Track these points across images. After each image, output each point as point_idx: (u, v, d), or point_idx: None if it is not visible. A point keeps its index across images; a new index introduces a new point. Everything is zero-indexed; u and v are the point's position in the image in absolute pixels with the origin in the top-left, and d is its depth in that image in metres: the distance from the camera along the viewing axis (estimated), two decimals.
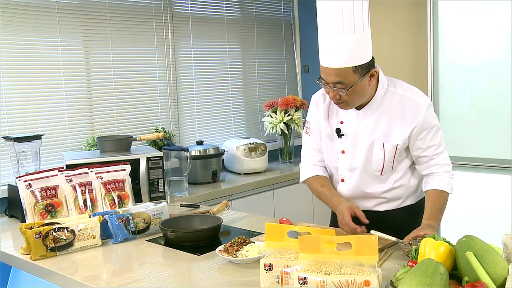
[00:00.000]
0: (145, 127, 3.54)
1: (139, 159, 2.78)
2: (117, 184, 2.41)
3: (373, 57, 1.89)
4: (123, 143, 2.90)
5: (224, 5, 4.02)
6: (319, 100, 2.12)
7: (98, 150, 2.92)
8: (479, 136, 3.21)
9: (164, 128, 3.57)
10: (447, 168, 2.00)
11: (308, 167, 2.19)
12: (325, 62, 1.82)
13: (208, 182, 3.44)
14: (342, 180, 2.10)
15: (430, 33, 3.30)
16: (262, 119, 4.06)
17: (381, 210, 2.08)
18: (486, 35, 3.12)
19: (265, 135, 4.06)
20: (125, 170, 2.47)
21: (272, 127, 3.87)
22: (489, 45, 3.12)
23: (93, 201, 2.31)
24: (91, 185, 2.33)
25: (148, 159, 2.80)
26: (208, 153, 3.45)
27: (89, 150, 3.13)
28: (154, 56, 3.60)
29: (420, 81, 3.56)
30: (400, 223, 2.01)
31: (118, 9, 3.38)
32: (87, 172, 2.35)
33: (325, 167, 2.17)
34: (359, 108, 1.98)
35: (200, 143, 3.56)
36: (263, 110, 4.03)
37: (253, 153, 3.68)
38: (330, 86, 1.85)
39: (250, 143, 3.71)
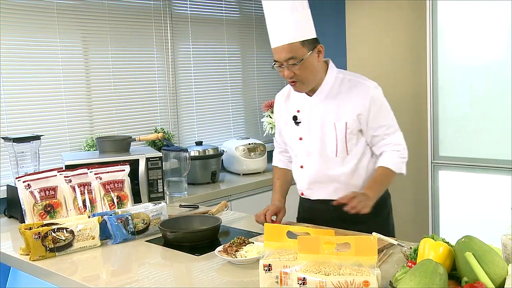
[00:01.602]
0: (144, 128, 3.54)
1: (138, 159, 2.79)
2: (116, 185, 2.41)
3: (317, 37, 2.05)
4: (122, 144, 2.90)
5: (223, 6, 4.03)
6: (279, 95, 2.31)
7: (98, 151, 2.93)
8: (479, 136, 3.21)
9: (163, 129, 3.57)
10: (398, 148, 2.09)
11: (275, 156, 2.43)
12: (275, 42, 2.01)
13: (207, 183, 3.44)
14: (301, 167, 2.20)
15: (429, 34, 3.30)
16: (261, 120, 4.07)
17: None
18: (485, 36, 3.13)
19: (264, 135, 4.05)
20: (124, 170, 2.47)
21: (271, 127, 3.87)
22: (489, 45, 3.12)
23: (92, 201, 2.31)
24: (90, 185, 2.33)
25: (147, 159, 2.80)
26: (207, 154, 3.46)
27: (89, 150, 3.13)
28: (153, 57, 3.60)
29: (420, 81, 3.57)
30: (363, 215, 2.01)
31: (117, 10, 3.39)
32: (87, 173, 2.35)
33: (289, 158, 2.33)
34: (311, 94, 2.11)
35: (199, 143, 3.57)
36: (262, 110, 4.03)
37: (252, 154, 3.69)
38: (283, 65, 1.99)
39: (249, 144, 3.72)
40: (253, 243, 1.84)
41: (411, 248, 1.62)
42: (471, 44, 3.20)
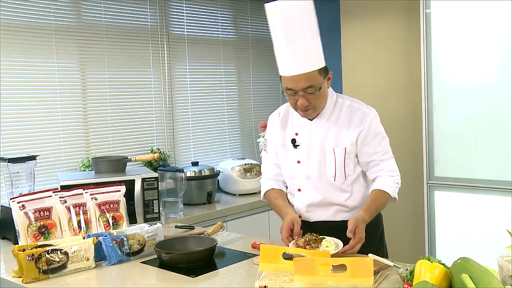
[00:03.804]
0: (141, 148, 3.54)
1: (134, 180, 2.78)
2: (111, 205, 2.39)
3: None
4: (118, 164, 2.90)
5: (220, 27, 4.06)
6: (274, 117, 2.27)
7: (93, 171, 2.92)
8: (474, 157, 3.21)
9: (159, 149, 3.57)
10: (392, 174, 2.11)
11: (266, 182, 2.29)
12: (293, 71, 1.95)
13: (203, 203, 3.43)
14: (299, 190, 2.18)
15: (423, 54, 3.32)
16: (257, 140, 4.07)
17: (339, 220, 2.12)
18: (478, 56, 3.15)
19: (260, 156, 4.03)
20: (120, 191, 2.45)
21: None
22: (482, 65, 3.14)
23: (87, 222, 2.30)
24: (85, 206, 2.32)
25: (143, 180, 2.79)
26: (203, 174, 3.45)
27: (84, 171, 3.12)
28: (150, 77, 3.62)
29: (414, 100, 3.58)
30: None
31: (114, 30, 3.41)
32: (82, 193, 2.33)
33: (283, 181, 2.27)
34: (311, 119, 2.12)
35: (195, 164, 3.56)
36: (258, 130, 4.02)
37: (248, 174, 3.68)
38: (299, 94, 1.98)
39: (245, 164, 3.71)
40: (325, 237, 1.88)
41: (407, 269, 1.61)
42: (464, 64, 3.21)
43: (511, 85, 3.00)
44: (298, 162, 2.16)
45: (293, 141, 2.16)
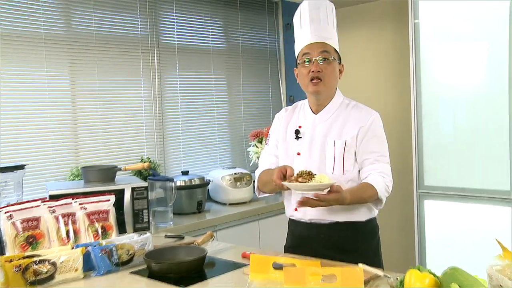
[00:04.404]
0: (131, 157, 3.52)
1: (124, 189, 2.75)
2: (101, 215, 2.36)
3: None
4: (108, 173, 2.88)
5: (210, 36, 4.06)
6: (281, 112, 2.37)
7: (83, 180, 2.89)
8: (463, 166, 3.23)
9: (149, 158, 3.55)
10: (384, 176, 2.10)
11: (259, 170, 2.33)
12: (313, 38, 2.15)
13: (193, 213, 3.41)
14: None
15: (412, 63, 3.35)
16: (248, 149, 4.06)
17: (334, 220, 2.13)
18: (468, 65, 3.17)
19: (250, 165, 4.04)
20: (109, 200, 2.43)
21: (257, 157, 3.86)
22: (471, 74, 3.17)
23: (76, 232, 2.27)
24: (74, 215, 2.29)
25: (133, 189, 2.77)
26: (193, 183, 3.43)
27: (73, 180, 3.09)
28: (140, 86, 3.61)
29: (404, 111, 3.60)
30: (352, 243, 2.11)
31: (104, 39, 3.40)
32: (71, 203, 2.31)
33: None
34: (316, 112, 2.21)
35: (185, 173, 3.54)
36: (249, 140, 4.02)
37: (238, 183, 3.66)
38: (314, 58, 2.12)
39: (235, 173, 3.69)
40: (316, 174, 1.91)
41: (397, 279, 1.61)
42: (453, 74, 3.24)
43: (500, 95, 3.03)
44: (298, 154, 2.19)
45: (296, 132, 2.21)
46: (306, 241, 2.20)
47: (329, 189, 1.91)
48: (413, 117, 3.38)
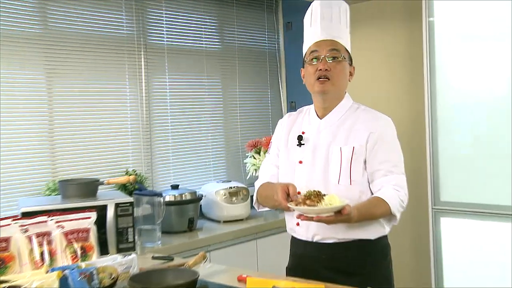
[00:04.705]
0: (114, 170, 3.51)
1: (107, 205, 2.76)
2: (80, 234, 2.34)
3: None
4: (89, 188, 2.88)
5: (203, 36, 4.06)
6: (284, 118, 2.40)
7: (60, 196, 2.88)
8: (483, 179, 3.20)
9: (135, 171, 3.55)
10: (398, 189, 2.07)
11: (259, 182, 2.33)
12: (323, 35, 2.18)
13: (184, 231, 3.41)
14: (298, 193, 2.13)
15: (426, 66, 3.34)
16: (245, 161, 4.06)
17: (339, 237, 2.10)
18: (488, 68, 3.16)
19: (247, 178, 4.04)
20: (90, 218, 2.40)
21: (255, 169, 3.86)
22: (492, 79, 3.15)
23: (52, 253, 2.24)
24: (50, 235, 2.25)
25: (117, 205, 2.78)
26: (184, 199, 3.43)
27: (50, 195, 3.08)
28: (125, 91, 3.60)
29: (417, 118, 3.59)
30: (360, 265, 2.10)
31: (85, 39, 3.39)
32: (46, 221, 2.27)
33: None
34: (322, 117, 2.21)
35: (175, 187, 3.54)
36: (246, 150, 4.03)
37: (234, 199, 3.66)
38: (323, 56, 2.14)
39: (230, 187, 3.69)
40: (325, 194, 1.92)
41: None
42: (472, 78, 3.23)
43: None
44: (300, 162, 2.19)
45: (299, 138, 2.21)
46: (308, 261, 2.19)
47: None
48: (427, 126, 3.37)
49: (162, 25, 3.82)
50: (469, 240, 3.26)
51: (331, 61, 2.14)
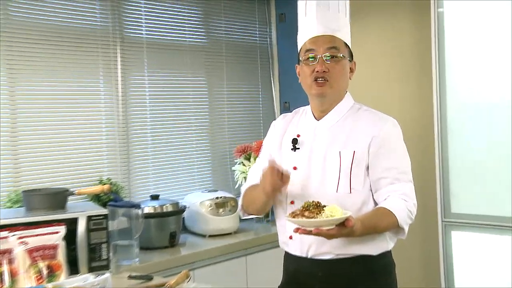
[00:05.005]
0: (86, 178, 3.49)
1: (77, 218, 2.75)
2: (46, 252, 2.34)
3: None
4: (57, 199, 2.86)
5: (187, 29, 4.06)
6: (278, 119, 2.41)
7: (23, 208, 2.87)
8: (496, 189, 3.22)
9: (110, 179, 3.53)
10: (406, 198, 2.06)
11: (245, 186, 2.34)
12: (320, 31, 2.16)
13: (165, 247, 3.40)
14: (292, 203, 2.16)
15: (435, 62, 3.37)
16: (233, 168, 4.06)
17: (337, 253, 2.09)
18: (503, 66, 3.17)
19: (236, 187, 4.03)
20: (58, 233, 2.41)
21: (244, 177, 3.85)
22: (508, 78, 3.16)
23: (13, 274, 2.23)
24: (11, 253, 2.25)
25: (89, 218, 2.77)
26: (165, 210, 3.43)
27: (11, 207, 3.05)
28: (99, 90, 3.59)
29: (424, 122, 3.59)
30: (360, 283, 2.09)
31: (53, 32, 3.36)
32: (7, 237, 2.27)
33: None
34: (319, 118, 2.21)
35: (155, 197, 3.53)
36: (234, 156, 4.03)
37: (221, 210, 3.66)
38: (320, 55, 2.13)
39: (217, 198, 3.69)
40: (325, 205, 1.90)
41: None
42: (486, 76, 3.25)
43: None
44: (295, 168, 2.17)
45: (294, 141, 2.21)
46: (303, 279, 2.18)
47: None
48: (436, 130, 3.39)
49: (141, 16, 3.80)
50: (483, 257, 3.28)
51: (329, 61, 2.13)
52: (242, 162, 3.92)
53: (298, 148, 2.20)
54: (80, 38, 3.48)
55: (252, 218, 4.00)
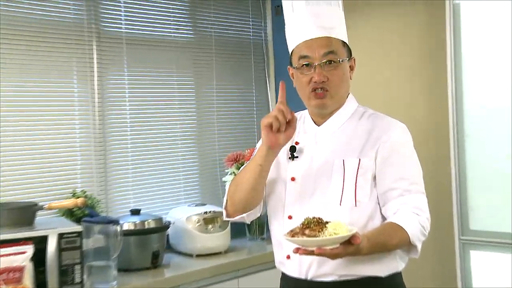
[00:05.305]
0: (58, 191, 3.47)
1: (47, 236, 2.74)
2: (11, 274, 2.38)
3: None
4: (24, 214, 2.86)
5: (172, 23, 4.06)
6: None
7: None
8: None
9: (85, 192, 3.51)
10: (419, 212, 2.05)
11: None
12: (314, 33, 2.15)
13: (147, 268, 3.38)
14: (290, 217, 2.17)
15: (450, 62, 3.36)
16: (223, 179, 4.06)
17: (340, 274, 2.08)
18: None
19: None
20: (25, 253, 2.45)
21: None
22: None
23: None
24: None
25: (60, 236, 2.77)
26: (146, 227, 3.41)
27: None
28: (72, 91, 3.59)
29: (439, 128, 3.60)
30: None
31: (19, 26, 3.33)
32: None
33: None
34: (319, 123, 2.23)
35: (135, 212, 3.51)
36: (225, 166, 4.03)
37: (210, 227, 3.65)
38: (316, 67, 2.12)
39: (205, 213, 3.68)
40: (328, 222, 1.88)
41: None
42: (507, 76, 3.25)
43: None
44: (293, 179, 2.18)
45: (292, 149, 2.20)
46: None
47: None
48: (452, 137, 3.40)
49: (120, 9, 3.79)
50: (506, 280, 3.26)
51: (327, 68, 2.13)
52: (233, 172, 3.91)
53: (297, 157, 2.20)
54: (50, 33, 3.46)
55: (245, 235, 4.00)
